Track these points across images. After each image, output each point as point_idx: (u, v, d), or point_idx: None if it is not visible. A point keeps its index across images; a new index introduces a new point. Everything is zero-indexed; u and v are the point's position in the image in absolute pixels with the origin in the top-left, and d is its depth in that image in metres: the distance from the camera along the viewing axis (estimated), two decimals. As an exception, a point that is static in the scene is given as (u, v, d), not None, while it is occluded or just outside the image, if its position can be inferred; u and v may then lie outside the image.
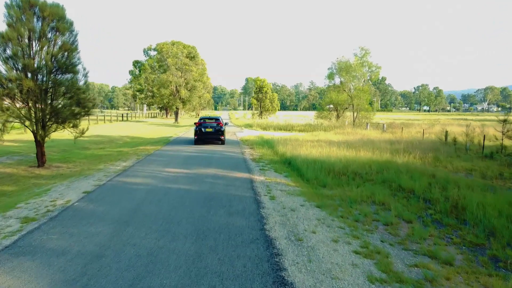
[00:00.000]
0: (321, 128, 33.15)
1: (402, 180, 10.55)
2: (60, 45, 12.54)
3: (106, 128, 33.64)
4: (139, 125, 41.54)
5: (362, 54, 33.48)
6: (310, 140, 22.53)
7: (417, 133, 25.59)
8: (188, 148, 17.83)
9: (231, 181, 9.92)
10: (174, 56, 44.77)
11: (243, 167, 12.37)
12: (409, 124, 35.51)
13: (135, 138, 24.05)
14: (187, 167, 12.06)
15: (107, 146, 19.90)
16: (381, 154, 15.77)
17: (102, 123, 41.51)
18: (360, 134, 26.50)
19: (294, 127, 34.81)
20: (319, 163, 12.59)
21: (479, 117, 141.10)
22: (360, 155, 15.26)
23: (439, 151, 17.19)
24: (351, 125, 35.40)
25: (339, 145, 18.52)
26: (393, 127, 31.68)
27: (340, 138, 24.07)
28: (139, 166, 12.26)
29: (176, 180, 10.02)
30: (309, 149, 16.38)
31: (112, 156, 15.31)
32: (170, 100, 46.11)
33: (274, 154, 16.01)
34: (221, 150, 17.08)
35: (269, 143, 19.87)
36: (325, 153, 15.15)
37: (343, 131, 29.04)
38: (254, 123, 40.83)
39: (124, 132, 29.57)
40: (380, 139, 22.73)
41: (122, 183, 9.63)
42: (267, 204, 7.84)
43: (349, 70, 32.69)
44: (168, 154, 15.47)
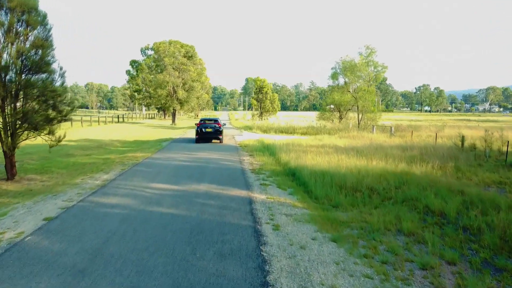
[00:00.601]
0: (324, 131, 31.53)
1: (428, 199, 8.94)
2: (32, 41, 10.94)
3: (99, 131, 32.05)
4: (134, 127, 39.95)
5: (368, 53, 31.88)
6: (314, 145, 20.94)
7: (427, 137, 23.98)
8: (181, 156, 16.22)
9: (226, 202, 8.30)
10: (171, 55, 43.13)
11: (241, 181, 10.76)
12: (417, 126, 33.92)
13: (126, 143, 22.44)
14: (176, 182, 10.44)
15: (94, 152, 18.29)
16: (395, 163, 14.18)
17: (96, 125, 39.94)
18: (367, 138, 24.89)
19: (296, 129, 33.21)
20: (328, 176, 10.99)
21: (482, 118, 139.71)
22: (373, 164, 13.66)
23: (458, 159, 15.58)
24: (356, 128, 33.78)
25: (347, 152, 16.92)
26: (401, 130, 30.06)
27: (347, 143, 22.46)
28: (121, 181, 10.64)
29: (160, 200, 8.40)
30: (315, 157, 14.77)
31: (96, 166, 13.70)
32: (167, 101, 44.47)
33: (276, 163, 14.40)
34: (217, 158, 15.47)
35: (270, 149, 18.26)
36: (334, 163, 13.54)
37: (348, 134, 27.42)
38: (254, 125, 39.23)
39: (116, 135, 27.97)
40: (389, 144, 21.11)
41: (95, 205, 8.01)
42: (270, 237, 6.23)
43: (353, 70, 31.07)
44: (157, 164, 13.85)
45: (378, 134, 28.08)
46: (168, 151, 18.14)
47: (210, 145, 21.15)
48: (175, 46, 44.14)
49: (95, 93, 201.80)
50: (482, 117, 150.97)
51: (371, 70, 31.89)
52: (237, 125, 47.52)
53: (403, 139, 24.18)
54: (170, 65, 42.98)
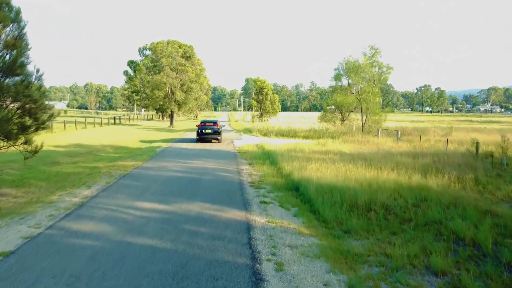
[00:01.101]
0: (327, 135, 30.30)
1: (455, 223, 7.71)
2: (3, 40, 9.73)
3: (93, 134, 30.83)
4: (130, 129, 38.74)
5: (372, 54, 30.63)
6: (318, 151, 19.72)
7: (437, 142, 22.74)
8: (175, 165, 14.98)
9: (219, 230, 7.07)
10: (169, 55, 41.87)
11: (238, 198, 9.53)
12: (423, 129, 32.63)
13: (119, 149, 21.22)
14: (165, 200, 9.21)
15: (82, 160, 17.07)
16: (407, 174, 12.98)
17: (91, 127, 38.72)
18: (372, 143, 23.66)
19: (297, 132, 31.98)
20: (336, 192, 9.76)
21: (484, 119, 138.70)
22: (384, 176, 12.45)
23: (475, 168, 14.35)
24: (359, 131, 32.54)
25: (354, 160, 15.70)
26: (407, 134, 28.81)
27: (352, 149, 21.23)
28: (103, 198, 9.40)
29: (143, 227, 7.16)
30: (320, 166, 13.55)
31: (80, 177, 12.48)
32: (165, 103, 43.24)
33: (277, 174, 13.17)
34: (213, 168, 14.24)
35: (271, 156, 17.05)
36: (341, 174, 12.32)
37: (352, 138, 26.19)
38: (254, 127, 38.01)
39: (110, 139, 26.75)
40: (398, 150, 19.88)
41: (64, 233, 6.78)
42: (272, 282, 5.01)
43: (357, 71, 29.82)
44: (147, 175, 12.62)
45: (384, 138, 26.84)
46: (162, 158, 16.92)
47: (207, 152, 19.95)
48: (173, 46, 42.86)
49: (94, 93, 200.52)
50: (484, 117, 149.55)
51: (376, 71, 30.65)
52: (236, 127, 46.31)
53: (411, 144, 22.95)
54: (167, 66, 41.73)
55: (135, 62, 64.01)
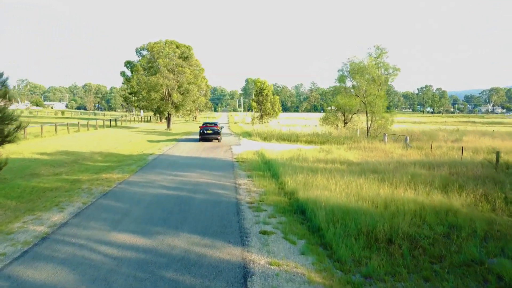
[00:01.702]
0: (331, 140, 28.81)
1: (502, 265, 6.25)
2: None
3: (85, 139, 29.36)
4: (125, 133, 37.25)
5: (378, 54, 29.14)
6: (322, 160, 18.27)
7: (449, 150, 21.25)
8: (165, 178, 13.48)
9: (208, 280, 5.57)
10: (166, 56, 40.36)
11: (234, 226, 8.04)
12: (431, 134, 31.16)
13: (108, 156, 19.73)
14: (145, 230, 7.73)
15: (65, 171, 15.60)
16: (426, 190, 11.55)
17: (85, 131, 37.27)
18: (380, 150, 22.18)
19: (299, 137, 30.50)
20: (350, 218, 8.30)
21: (486, 120, 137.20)
22: (400, 193, 11.01)
23: (499, 182, 12.88)
24: (364, 135, 31.05)
25: (364, 172, 14.24)
26: (416, 139, 27.32)
27: (359, 157, 19.77)
28: (73, 227, 7.91)
29: (111, 276, 5.64)
30: (328, 182, 12.09)
31: (56, 194, 11.01)
32: (162, 105, 41.74)
33: (280, 191, 11.69)
34: (207, 183, 12.76)
35: (272, 167, 15.58)
36: (352, 191, 10.85)
37: (358, 145, 24.70)
38: (254, 131, 36.52)
39: (101, 145, 25.27)
40: (409, 159, 18.41)
41: (9, 286, 5.30)
42: None
43: (363, 73, 28.33)
44: (131, 194, 11.13)
45: (391, 144, 25.35)
46: (152, 169, 15.43)
47: (202, 161, 18.49)
48: (170, 46, 41.35)
49: (93, 94, 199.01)
50: (486, 118, 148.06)
51: (382, 72, 29.16)
52: (235, 130, 44.82)
53: (421, 151, 21.48)
54: (164, 67, 40.24)
55: (132, 63, 62.57)
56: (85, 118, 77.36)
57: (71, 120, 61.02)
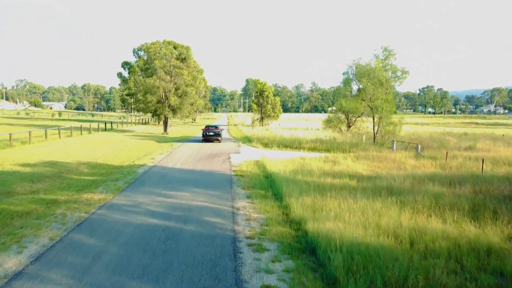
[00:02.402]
0: (335, 146, 27.20)
1: None
2: None
3: (75, 146, 27.76)
4: (119, 138, 35.63)
5: (385, 56, 27.55)
6: (329, 173, 16.68)
7: (466, 160, 19.64)
8: (152, 201, 11.83)
9: None
10: (163, 57, 38.74)
11: (229, 279, 6.43)
12: (441, 140, 29.54)
13: (96, 168, 18.12)
14: (117, 284, 6.13)
15: (44, 187, 14.01)
16: (455, 217, 9.99)
17: (78, 135, 35.67)
18: (390, 160, 20.58)
19: (302, 143, 28.89)
20: (372, 263, 6.73)
21: (490, 121, 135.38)
22: (423, 222, 9.46)
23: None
24: (371, 142, 29.46)
25: (378, 191, 12.67)
26: (426, 146, 25.69)
27: (368, 169, 18.18)
28: (25, 282, 6.31)
29: None
30: (339, 207, 10.53)
31: (23, 223, 9.41)
32: (158, 108, 40.14)
33: (284, 219, 10.09)
34: (201, 206, 11.17)
35: (274, 184, 14.00)
36: (370, 221, 9.27)
37: (366, 153, 23.08)
38: (254, 136, 34.92)
39: (91, 153, 23.66)
40: (424, 172, 16.81)
41: None
42: None
43: (370, 76, 26.71)
44: (110, 224, 9.52)
45: (401, 152, 23.75)
46: (140, 186, 13.81)
47: (198, 175, 16.91)
48: (167, 47, 39.72)
49: (92, 94, 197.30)
50: (488, 119, 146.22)
51: (389, 75, 27.55)
52: (235, 134, 43.20)
53: (435, 162, 19.88)
54: (161, 69, 38.62)
55: (129, 64, 61.06)
56: (81, 120, 75.74)
57: (66, 123, 59.39)
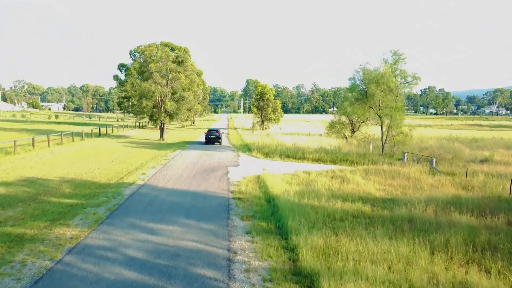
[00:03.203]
0: (341, 157, 25.39)
1: None
2: None
3: (62, 156, 25.96)
4: (113, 145, 33.81)
5: (395, 60, 25.74)
6: (339, 195, 14.89)
7: (487, 177, 17.83)
8: (134, 242, 10.00)
9: None
10: (158, 60, 36.96)
11: None
12: (451, 148, 27.69)
13: (79, 187, 16.30)
14: None
15: (15, 215, 12.18)
16: (498, 267, 8.22)
17: (69, 143, 33.87)
18: (403, 175, 18.77)
19: (305, 153, 27.09)
20: None
21: (493, 122, 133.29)
22: (462, 276, 7.67)
23: None
24: (378, 151, 27.66)
25: (401, 226, 10.89)
26: (439, 156, 23.86)
27: (382, 189, 16.36)
28: None
29: None
30: (357, 248, 8.75)
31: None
32: (154, 113, 38.36)
33: (292, 268, 8.29)
34: (191, 250, 9.36)
35: (278, 214, 12.21)
36: (400, 280, 7.48)
37: (375, 167, 21.26)
38: (254, 144, 33.14)
39: (78, 166, 21.85)
40: (446, 194, 15.00)
41: None
42: None
43: (379, 82, 24.86)
44: (78, 279, 7.72)
45: (413, 166, 21.93)
46: (123, 216, 11.99)
47: (191, 197, 15.10)
48: (163, 49, 37.92)
49: (90, 95, 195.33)
50: (491, 121, 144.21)
51: (399, 81, 25.71)
52: (235, 140, 41.38)
53: (453, 178, 18.07)
54: (156, 72, 36.82)
55: (126, 66, 59.24)
56: (77, 123, 73.95)
57: (61, 127, 57.55)
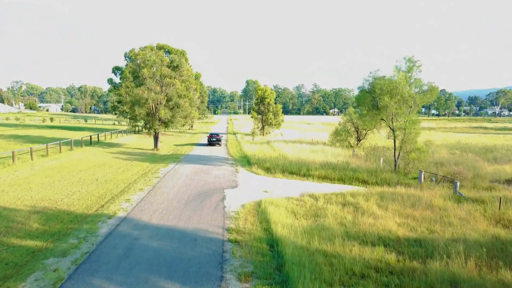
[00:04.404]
0: (350, 175, 22.96)
1: None
2: None
3: (43, 173, 23.55)
4: (101, 158, 31.37)
5: (409, 68, 23.35)
6: (355, 235, 12.51)
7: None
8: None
9: None
10: (152, 65, 34.58)
11: None
12: (468, 163, 25.29)
13: (49, 221, 13.88)
14: None
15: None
16: None
17: (56, 153, 31.48)
18: (425, 204, 16.34)
19: (310, 169, 24.69)
20: None
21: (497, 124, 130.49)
22: None
23: None
24: (389, 167, 25.27)
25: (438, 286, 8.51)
26: (457, 174, 21.45)
27: (404, 224, 13.95)
28: None
29: None
30: None
31: None
32: (148, 121, 35.99)
33: None
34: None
35: (284, 270, 9.83)
36: None
37: (391, 190, 18.83)
38: (255, 157, 30.74)
39: (55, 189, 19.45)
40: (482, 233, 12.60)
41: None
42: None
43: (392, 93, 22.41)
44: None
45: (432, 188, 19.50)
46: (89, 277, 9.60)
47: (178, 239, 12.71)
48: (157, 53, 35.52)
49: (88, 96, 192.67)
50: (495, 122, 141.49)
51: (413, 90, 23.31)
52: (234, 150, 38.95)
53: (484, 207, 15.65)
54: (150, 78, 34.42)
55: (120, 69, 56.91)
56: (71, 128, 71.49)
57: (53, 133, 55.17)
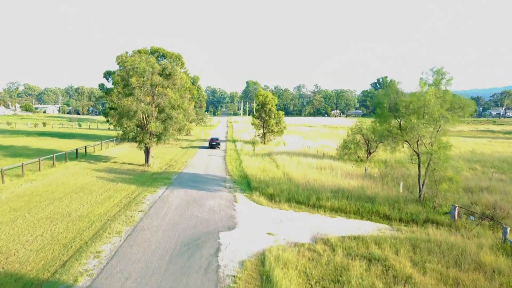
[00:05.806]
0: (369, 209, 19.45)
1: None
2: None
3: (6, 205, 20.11)
4: (83, 179, 27.88)
5: (436, 80, 19.89)
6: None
7: None
8: None
9: None
10: (141, 74, 31.15)
11: None
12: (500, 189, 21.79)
13: (4, 280, 10.51)
14: None
15: None
16: None
17: (33, 173, 28.09)
18: (472, 261, 12.88)
19: (321, 198, 21.20)
20: None
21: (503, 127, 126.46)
22: None
23: None
24: (412, 195, 21.78)
25: None
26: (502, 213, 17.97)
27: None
28: None
29: None
30: None
31: None
32: (138, 135, 32.60)
33: None
34: None
35: None
36: None
37: (420, 231, 15.34)
38: (256, 177, 27.27)
39: (12, 233, 16.03)
40: None
41: None
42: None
43: (420, 112, 18.87)
44: None
45: (471, 231, 16.04)
46: None
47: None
48: (147, 60, 32.06)
49: (86, 97, 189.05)
50: (500, 124, 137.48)
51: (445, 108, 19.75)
52: (232, 166, 35.45)
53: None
54: (139, 88, 30.99)
55: (112, 73, 53.31)
56: (62, 135, 68.14)
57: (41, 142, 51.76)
